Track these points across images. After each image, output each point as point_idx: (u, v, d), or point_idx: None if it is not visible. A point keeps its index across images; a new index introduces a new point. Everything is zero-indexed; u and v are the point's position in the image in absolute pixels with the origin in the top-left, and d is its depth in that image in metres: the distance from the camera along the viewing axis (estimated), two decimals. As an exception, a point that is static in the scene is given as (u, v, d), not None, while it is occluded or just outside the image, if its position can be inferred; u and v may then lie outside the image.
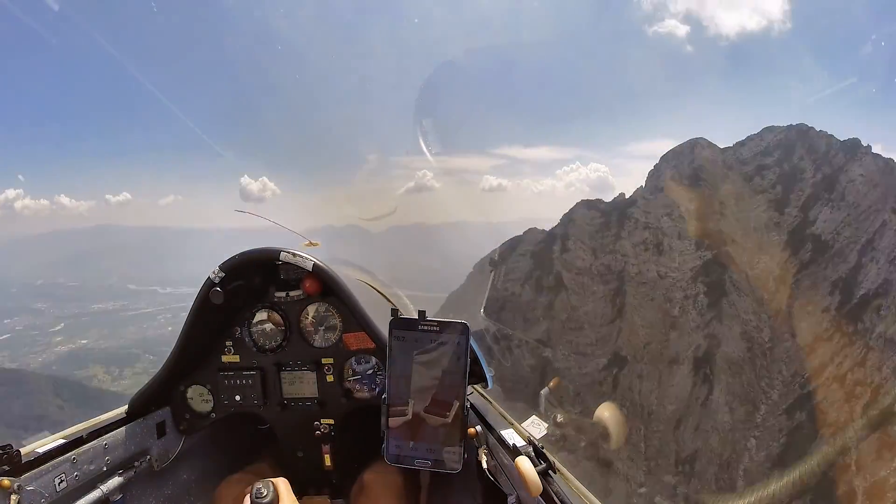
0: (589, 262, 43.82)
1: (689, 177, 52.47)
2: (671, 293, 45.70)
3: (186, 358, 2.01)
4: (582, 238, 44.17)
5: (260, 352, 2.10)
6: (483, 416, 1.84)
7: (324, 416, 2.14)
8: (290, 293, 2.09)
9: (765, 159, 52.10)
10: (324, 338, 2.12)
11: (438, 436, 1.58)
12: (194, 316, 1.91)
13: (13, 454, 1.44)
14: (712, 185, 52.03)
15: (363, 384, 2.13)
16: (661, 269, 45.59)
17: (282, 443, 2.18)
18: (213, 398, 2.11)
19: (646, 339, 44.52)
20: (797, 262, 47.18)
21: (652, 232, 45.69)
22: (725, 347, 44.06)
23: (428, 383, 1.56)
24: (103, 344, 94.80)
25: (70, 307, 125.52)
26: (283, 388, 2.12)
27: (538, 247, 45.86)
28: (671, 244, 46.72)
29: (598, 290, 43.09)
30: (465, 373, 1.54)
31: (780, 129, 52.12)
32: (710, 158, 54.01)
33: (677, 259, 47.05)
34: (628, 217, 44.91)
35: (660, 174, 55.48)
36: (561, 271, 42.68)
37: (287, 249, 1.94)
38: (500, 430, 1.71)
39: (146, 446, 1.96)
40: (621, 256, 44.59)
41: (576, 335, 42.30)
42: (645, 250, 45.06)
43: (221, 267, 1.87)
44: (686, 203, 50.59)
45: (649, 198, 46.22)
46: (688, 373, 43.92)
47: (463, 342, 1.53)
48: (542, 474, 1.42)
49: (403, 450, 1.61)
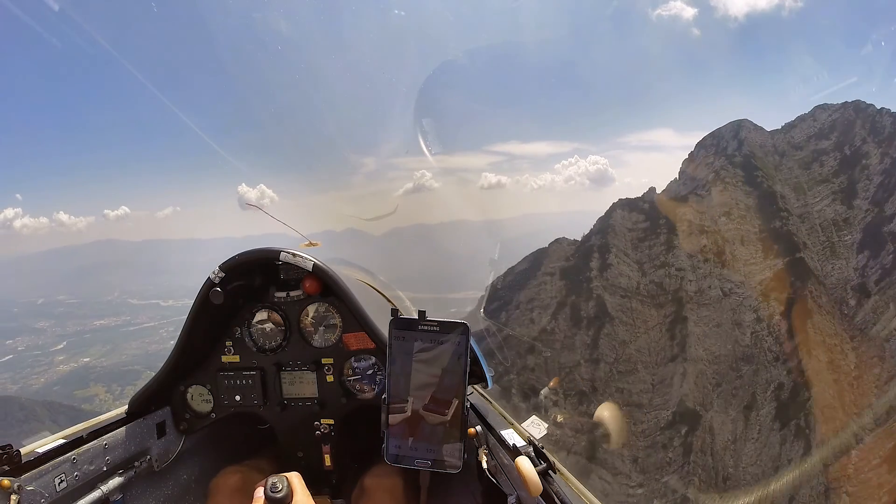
0: (636, 279, 33.27)
1: (740, 165, 41.16)
2: (740, 315, 34.22)
3: (186, 358, 2.08)
4: (625, 249, 33.22)
5: (260, 352, 2.17)
6: (483, 416, 1.89)
7: (324, 416, 2.18)
8: (290, 293, 2.14)
9: (821, 143, 42.09)
10: (324, 338, 2.18)
11: (438, 436, 1.62)
12: (194, 316, 1.98)
13: (13, 454, 1.48)
14: (768, 176, 40.83)
15: (363, 384, 2.17)
16: (726, 285, 34.37)
17: (282, 443, 2.24)
18: (213, 398, 2.18)
19: (715, 379, 32.80)
20: (878, 267, 36.72)
21: (710, 237, 34.84)
22: (817, 385, 32.78)
23: (428, 383, 1.60)
24: (105, 362, 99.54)
25: (71, 325, 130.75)
26: (283, 388, 2.18)
27: (569, 262, 34.22)
28: (734, 252, 35.61)
29: (652, 317, 31.86)
30: (465, 373, 1.58)
31: (833, 108, 42.41)
32: (759, 143, 42.88)
33: (742, 270, 35.72)
34: (680, 219, 33.89)
35: (697, 163, 43.85)
36: (602, 295, 31.24)
37: (287, 249, 1.99)
38: (500, 430, 1.75)
39: (146, 446, 2.03)
40: (676, 271, 33.43)
41: (628, 381, 30.79)
42: (704, 261, 33.99)
43: (221, 267, 1.93)
44: (743, 199, 39.29)
45: (702, 193, 35.60)
46: (770, 421, 32.30)
47: (463, 342, 1.57)
48: (542, 474, 1.45)
49: (403, 450, 1.65)
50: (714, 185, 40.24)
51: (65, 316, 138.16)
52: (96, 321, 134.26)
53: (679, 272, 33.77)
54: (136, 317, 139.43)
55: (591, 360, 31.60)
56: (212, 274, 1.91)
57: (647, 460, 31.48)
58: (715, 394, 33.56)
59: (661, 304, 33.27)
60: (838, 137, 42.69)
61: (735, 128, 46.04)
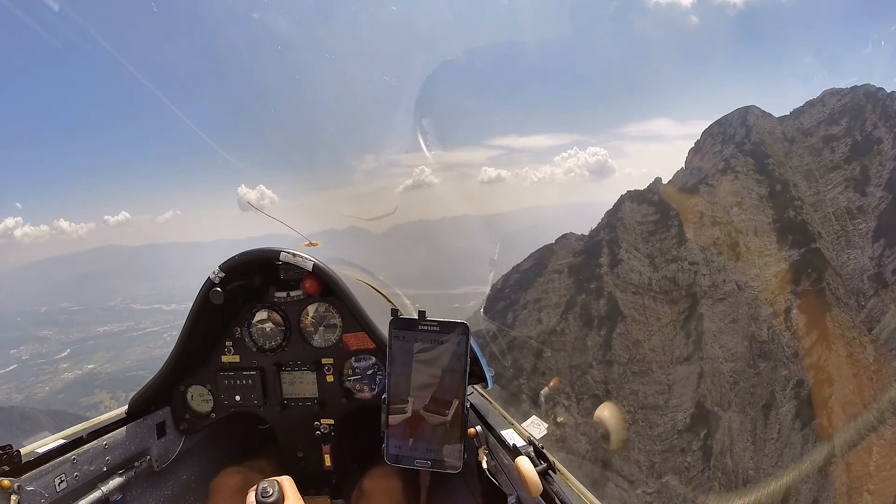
0: (647, 275, 31.32)
1: (750, 153, 39.56)
2: (756, 309, 32.60)
3: (186, 358, 2.08)
4: (635, 244, 31.50)
5: (260, 352, 2.17)
6: (483, 416, 1.88)
7: (324, 416, 2.18)
8: (290, 293, 2.14)
9: (831, 128, 40.54)
10: (324, 338, 2.18)
11: (438, 436, 1.62)
12: (194, 316, 1.98)
13: (13, 454, 1.49)
14: (779, 164, 39.35)
15: (363, 384, 2.17)
16: (741, 279, 32.79)
17: (282, 443, 2.24)
18: (213, 398, 2.17)
19: (732, 378, 31.30)
20: (895, 256, 35.23)
21: (722, 228, 33.42)
22: (839, 383, 31.74)
23: (428, 383, 1.59)
24: (109, 368, 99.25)
25: (75, 332, 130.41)
26: (283, 388, 2.18)
27: (577, 259, 32.48)
28: (748, 243, 34.03)
29: (665, 314, 30.26)
30: (465, 373, 1.57)
31: (843, 92, 40.54)
32: (769, 130, 41.30)
33: (757, 262, 34.06)
34: (690, 210, 32.49)
35: (704, 152, 42.38)
36: (614, 293, 29.62)
37: (287, 249, 1.98)
38: (500, 430, 1.75)
39: (146, 446, 2.03)
40: (689, 265, 31.84)
41: (642, 382, 29.17)
42: (718, 254, 32.49)
43: (221, 267, 1.93)
44: (755, 188, 37.88)
45: (712, 183, 34.25)
46: (790, 420, 30.93)
47: (463, 342, 1.56)
48: (542, 474, 1.45)
49: (403, 450, 1.64)
50: (724, 174, 38.61)
51: (68, 323, 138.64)
52: (99, 327, 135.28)
53: (692, 266, 32.15)
54: (140, 322, 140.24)
55: (604, 362, 29.95)
56: (212, 274, 1.92)
57: (664, 465, 29.94)
58: (732, 393, 32.07)
59: (675, 300, 31.72)
60: (849, 122, 41.31)
61: (742, 115, 44.47)
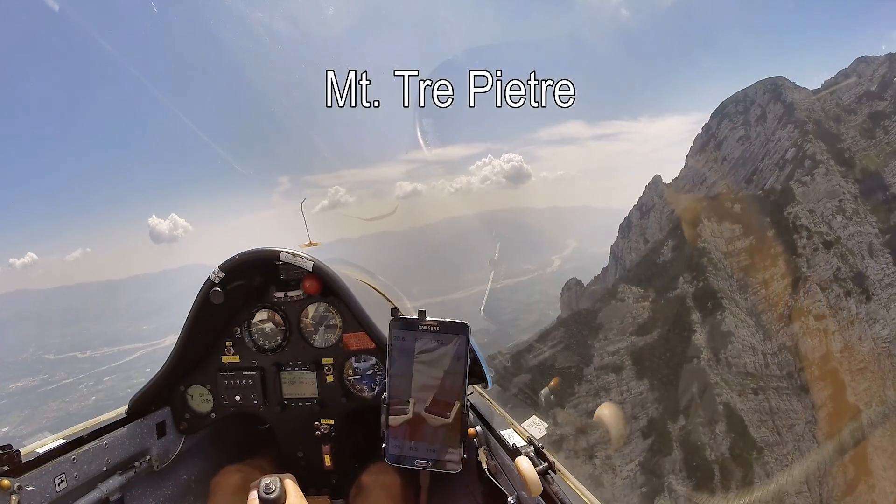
0: (760, 348, 15.37)
1: (822, 137, 25.74)
2: None
3: (186, 358, 2.09)
4: (731, 293, 16.32)
5: (260, 352, 2.19)
6: (483, 416, 1.89)
7: (324, 416, 2.18)
8: (290, 293, 2.16)
9: (875, 103, 28.60)
10: (324, 338, 2.19)
11: (438, 436, 1.61)
12: (194, 316, 1.98)
13: (13, 454, 1.50)
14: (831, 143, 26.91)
15: (363, 384, 2.17)
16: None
17: (282, 443, 2.24)
18: (213, 398, 2.19)
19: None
20: None
21: (820, 236, 19.54)
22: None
23: (428, 383, 1.59)
24: (24, 430, 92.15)
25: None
26: (283, 388, 2.19)
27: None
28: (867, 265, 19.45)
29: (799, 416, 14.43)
30: (466, 373, 1.57)
31: (877, 61, 35.57)
32: (806, 106, 28.00)
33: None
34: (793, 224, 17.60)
35: (714, 136, 29.39)
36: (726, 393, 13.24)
37: (287, 249, 1.99)
38: (500, 430, 1.76)
39: (146, 446, 2.04)
40: (814, 321, 16.35)
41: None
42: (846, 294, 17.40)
43: (221, 267, 1.93)
44: (843, 185, 22.79)
45: (805, 180, 20.47)
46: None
47: (463, 342, 1.55)
48: (542, 474, 1.45)
49: (403, 450, 1.63)
50: (800, 164, 26.27)
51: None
52: (11, 384, 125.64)
53: (818, 322, 18.64)
54: (54, 374, 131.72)
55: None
56: (212, 274, 1.91)
57: None
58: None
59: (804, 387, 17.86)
60: (894, 96, 31.93)
61: (771, 86, 33.15)
